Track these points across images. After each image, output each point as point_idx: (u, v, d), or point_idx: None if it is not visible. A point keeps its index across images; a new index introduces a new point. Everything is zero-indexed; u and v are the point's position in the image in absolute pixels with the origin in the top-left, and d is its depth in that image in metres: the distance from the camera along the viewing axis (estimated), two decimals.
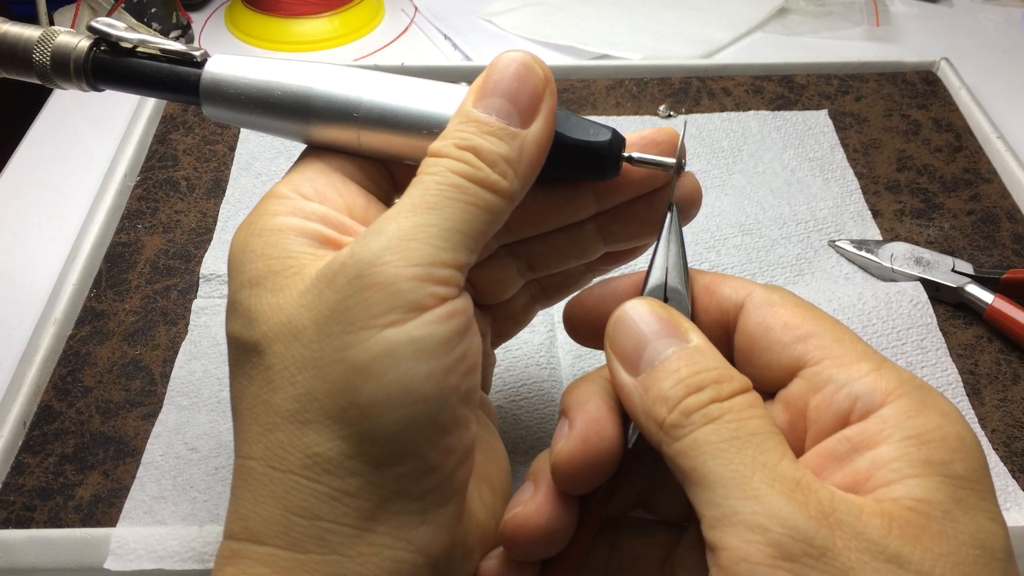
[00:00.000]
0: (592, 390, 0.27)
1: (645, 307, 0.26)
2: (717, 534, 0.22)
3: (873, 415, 0.24)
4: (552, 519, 0.26)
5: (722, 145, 0.58)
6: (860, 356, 0.25)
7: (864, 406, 0.24)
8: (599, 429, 0.26)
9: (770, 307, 0.27)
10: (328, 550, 0.24)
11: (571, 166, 0.29)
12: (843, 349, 0.25)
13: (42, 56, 0.30)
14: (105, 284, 0.49)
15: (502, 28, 0.75)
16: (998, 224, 0.53)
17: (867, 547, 0.21)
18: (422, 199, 0.25)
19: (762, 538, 0.21)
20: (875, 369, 0.24)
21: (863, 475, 0.23)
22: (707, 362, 0.25)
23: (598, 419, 0.26)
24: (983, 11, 0.79)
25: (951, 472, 0.22)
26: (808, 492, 0.22)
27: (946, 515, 0.22)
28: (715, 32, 0.73)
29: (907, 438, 0.23)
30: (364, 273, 0.24)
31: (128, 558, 0.36)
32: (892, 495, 0.22)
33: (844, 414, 0.24)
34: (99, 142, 0.61)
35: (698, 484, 0.23)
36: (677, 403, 0.24)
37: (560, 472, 0.26)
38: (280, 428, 0.25)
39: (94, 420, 0.42)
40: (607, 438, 0.26)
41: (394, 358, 0.24)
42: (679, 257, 0.29)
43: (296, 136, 0.30)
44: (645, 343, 0.25)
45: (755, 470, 0.22)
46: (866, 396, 0.24)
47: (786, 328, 0.26)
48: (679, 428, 0.23)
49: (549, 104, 0.27)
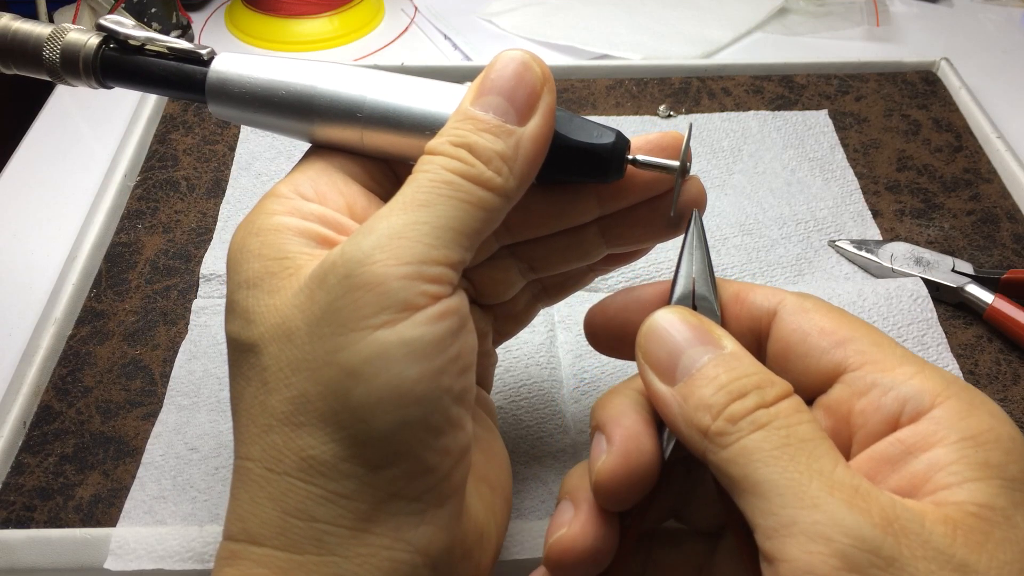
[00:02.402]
0: (625, 403, 0.27)
1: (676, 316, 0.26)
2: (776, 545, 0.21)
3: (924, 417, 0.23)
4: (598, 539, 0.26)
5: (722, 145, 0.58)
6: (901, 359, 0.25)
7: (914, 408, 0.23)
8: (638, 444, 0.25)
9: (804, 313, 0.26)
10: (326, 551, 0.24)
11: (574, 168, 0.29)
12: (883, 353, 0.25)
13: (52, 53, 0.30)
14: (105, 284, 0.49)
15: (502, 28, 0.75)
16: (998, 224, 0.53)
17: (934, 556, 0.20)
18: (414, 197, 0.25)
19: (826, 548, 0.20)
20: (919, 371, 0.24)
21: (920, 478, 0.22)
22: (746, 367, 0.24)
23: (636, 433, 0.26)
24: (983, 11, 0.79)
25: (1008, 475, 0.22)
26: (869, 498, 0.21)
27: (1007, 520, 0.21)
28: (715, 32, 0.73)
29: (962, 440, 0.22)
30: (354, 273, 0.24)
31: (128, 558, 0.36)
32: (953, 499, 0.21)
33: (894, 417, 0.24)
34: (99, 142, 0.61)
35: (750, 492, 0.22)
36: (721, 410, 0.23)
37: (603, 489, 0.25)
38: (276, 430, 0.25)
39: (94, 420, 0.42)
40: (647, 452, 0.25)
41: (386, 360, 0.24)
42: (704, 264, 0.28)
43: (300, 135, 0.30)
44: (680, 352, 0.25)
45: (811, 477, 0.21)
46: (915, 398, 0.23)
47: (823, 334, 0.26)
48: (726, 435, 0.23)
49: (547, 102, 0.27)
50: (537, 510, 0.38)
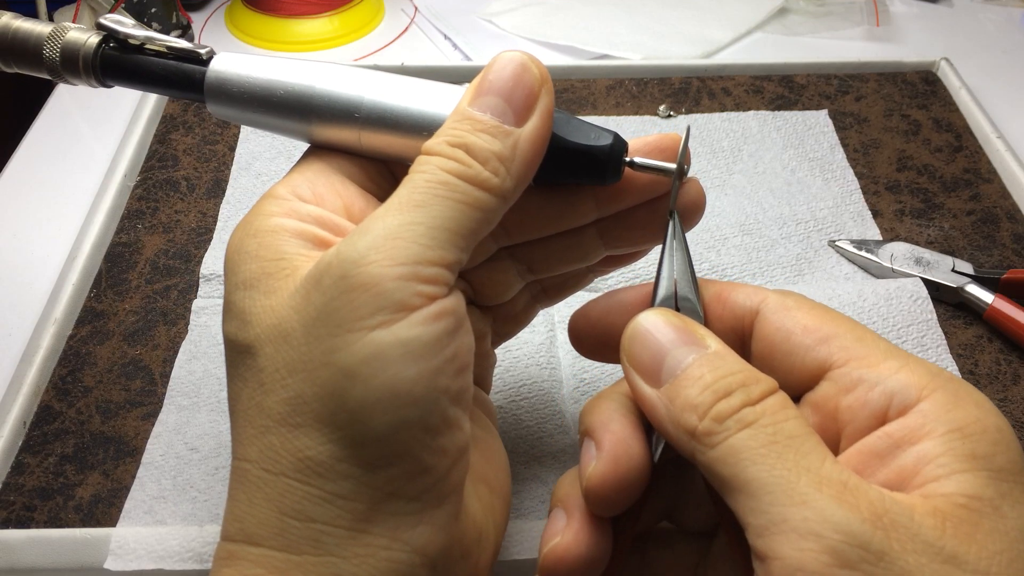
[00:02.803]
0: (612, 407, 0.27)
1: (659, 317, 0.26)
2: (766, 543, 0.21)
3: (911, 411, 0.23)
4: (591, 546, 0.26)
5: (722, 145, 0.58)
6: (886, 354, 0.25)
7: (901, 402, 0.23)
8: (627, 448, 0.25)
9: (787, 311, 0.27)
10: (323, 551, 0.24)
11: (572, 170, 0.29)
12: (867, 349, 0.25)
13: (52, 52, 0.30)
14: (105, 284, 0.49)
15: (502, 28, 0.75)
16: (998, 224, 0.53)
17: (924, 548, 0.20)
18: (410, 197, 0.25)
19: (816, 545, 0.20)
20: (904, 365, 0.24)
21: (908, 471, 0.22)
22: (731, 366, 0.24)
23: (624, 438, 0.26)
24: (983, 11, 0.79)
25: (995, 465, 0.22)
26: (857, 493, 0.21)
27: (996, 511, 0.21)
28: (715, 32, 0.73)
29: (949, 432, 0.22)
30: (349, 273, 0.24)
31: (128, 558, 0.36)
32: (942, 491, 0.22)
33: (881, 412, 0.24)
34: (99, 142, 0.61)
35: (740, 491, 0.22)
36: (707, 410, 0.23)
37: (593, 496, 0.26)
38: (273, 431, 0.25)
39: (94, 420, 0.42)
40: (636, 456, 0.25)
41: (382, 361, 0.24)
42: (686, 265, 0.28)
43: (298, 135, 0.30)
44: (664, 353, 0.25)
45: (799, 474, 0.21)
46: (902, 392, 0.24)
47: (806, 331, 0.26)
48: (713, 435, 0.23)
49: (545, 103, 0.27)
50: (536, 510, 0.38)
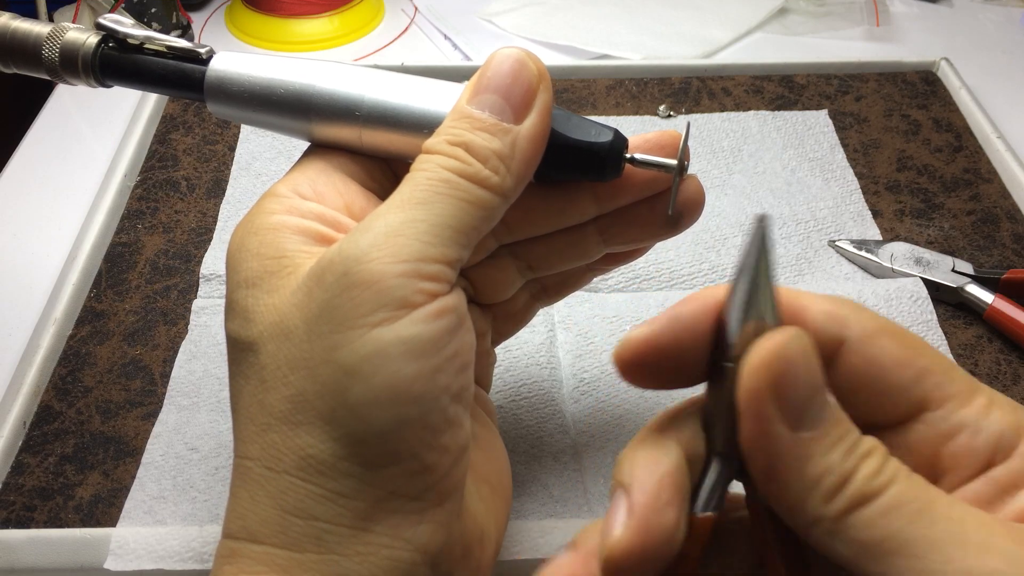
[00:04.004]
0: (662, 464, 0.22)
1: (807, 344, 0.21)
2: None
3: (1015, 453, 0.22)
4: None
5: (722, 145, 0.58)
6: (972, 389, 0.23)
7: (1004, 446, 0.22)
8: (662, 519, 0.21)
9: (873, 341, 0.23)
10: (325, 549, 0.24)
11: (572, 166, 0.29)
12: (957, 385, 0.23)
13: (51, 52, 0.30)
14: (105, 284, 0.49)
15: (502, 28, 0.75)
16: (998, 224, 0.53)
17: None
18: (411, 195, 0.25)
19: None
20: (992, 402, 0.23)
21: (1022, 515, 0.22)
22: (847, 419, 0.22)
23: (663, 505, 0.21)
24: (983, 11, 0.79)
25: None
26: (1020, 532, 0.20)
27: None
28: (715, 32, 0.73)
29: None
30: (351, 270, 0.24)
31: (128, 558, 0.36)
32: None
33: (987, 459, 0.23)
34: (99, 142, 0.61)
35: (897, 554, 0.20)
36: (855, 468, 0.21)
37: (612, 566, 0.22)
38: (274, 429, 0.25)
39: (94, 420, 0.42)
40: (669, 528, 0.21)
41: (383, 358, 0.24)
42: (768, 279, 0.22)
43: (298, 134, 0.30)
44: (814, 391, 0.21)
45: (959, 524, 0.20)
46: (1005, 436, 0.22)
47: (898, 366, 0.23)
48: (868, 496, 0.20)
49: (543, 100, 0.27)
50: (537, 511, 0.38)
